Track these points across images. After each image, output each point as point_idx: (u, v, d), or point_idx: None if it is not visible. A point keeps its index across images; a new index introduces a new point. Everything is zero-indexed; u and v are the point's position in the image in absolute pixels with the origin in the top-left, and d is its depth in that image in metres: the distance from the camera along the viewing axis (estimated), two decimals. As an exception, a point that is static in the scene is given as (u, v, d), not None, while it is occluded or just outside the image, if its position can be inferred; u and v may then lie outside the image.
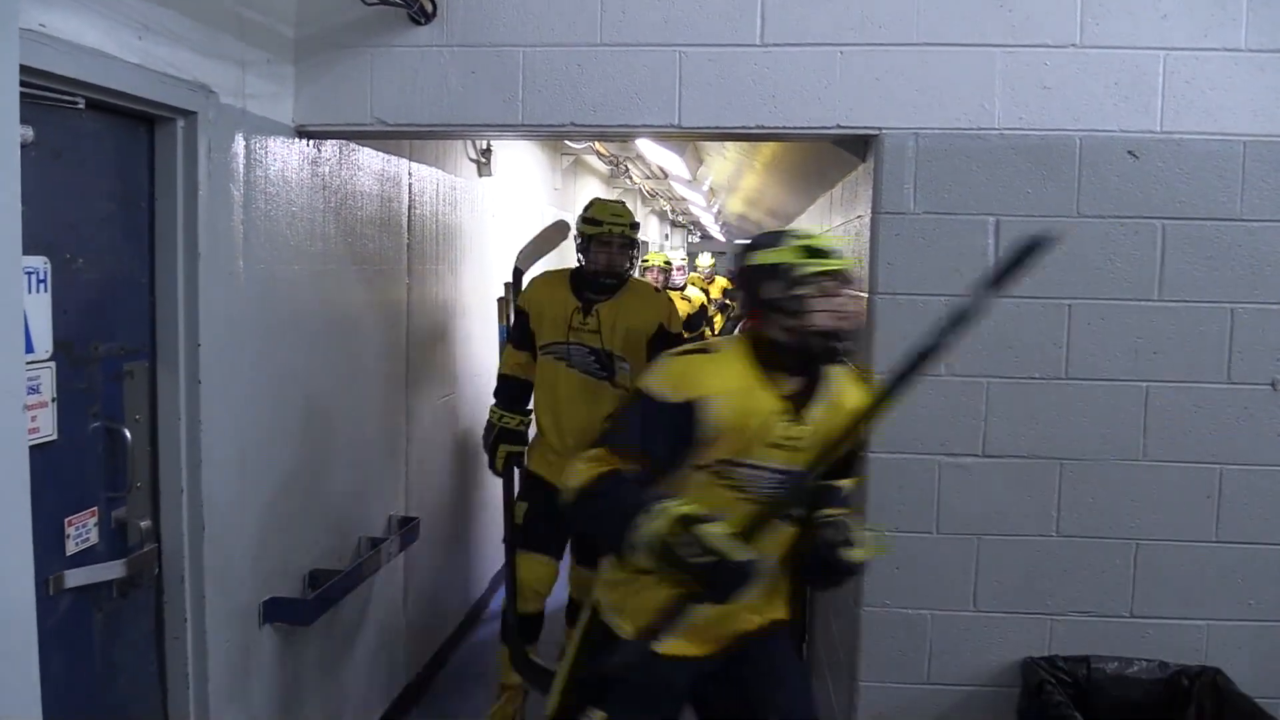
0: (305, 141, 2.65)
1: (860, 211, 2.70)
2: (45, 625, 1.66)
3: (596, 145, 6.68)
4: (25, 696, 1.47)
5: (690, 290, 7.83)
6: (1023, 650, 2.51)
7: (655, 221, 14.46)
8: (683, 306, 8.10)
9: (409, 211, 3.51)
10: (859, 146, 2.61)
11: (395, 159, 3.34)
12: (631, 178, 9.12)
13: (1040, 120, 2.40)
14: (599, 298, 3.33)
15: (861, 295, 2.21)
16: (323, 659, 2.90)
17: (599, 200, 3.47)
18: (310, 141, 2.68)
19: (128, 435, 2.04)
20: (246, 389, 2.39)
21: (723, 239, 16.68)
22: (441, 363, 3.97)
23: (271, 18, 2.47)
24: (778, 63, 2.45)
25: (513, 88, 2.53)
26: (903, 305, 2.45)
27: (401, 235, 3.45)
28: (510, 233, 4.84)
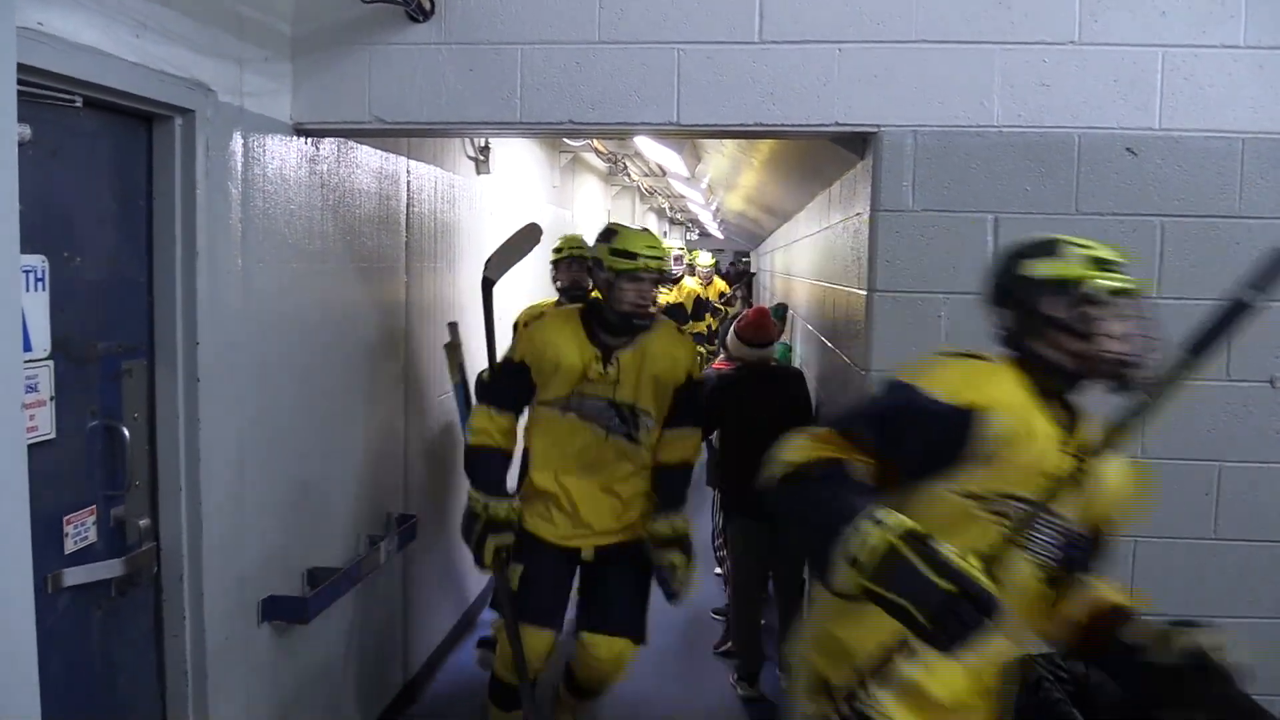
0: (303, 139, 2.65)
1: (859, 209, 2.70)
2: (44, 624, 1.66)
3: (595, 143, 6.68)
4: (24, 695, 1.47)
5: (686, 280, 7.98)
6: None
7: (654, 219, 14.46)
8: (672, 296, 8.02)
9: (407, 209, 3.51)
10: (858, 144, 2.61)
11: (393, 157, 3.34)
12: (630, 175, 9.12)
13: (1039, 118, 2.40)
14: (619, 342, 2.85)
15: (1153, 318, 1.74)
16: (321, 657, 2.90)
17: (627, 229, 2.92)
18: (308, 139, 2.68)
19: (126, 434, 2.04)
20: (245, 387, 2.39)
21: (720, 236, 16.67)
22: (440, 360, 3.97)
23: (269, 15, 2.46)
24: (776, 60, 2.45)
25: (511, 85, 2.52)
26: (901, 303, 2.45)
27: (400, 233, 3.45)
28: (509, 231, 4.83)
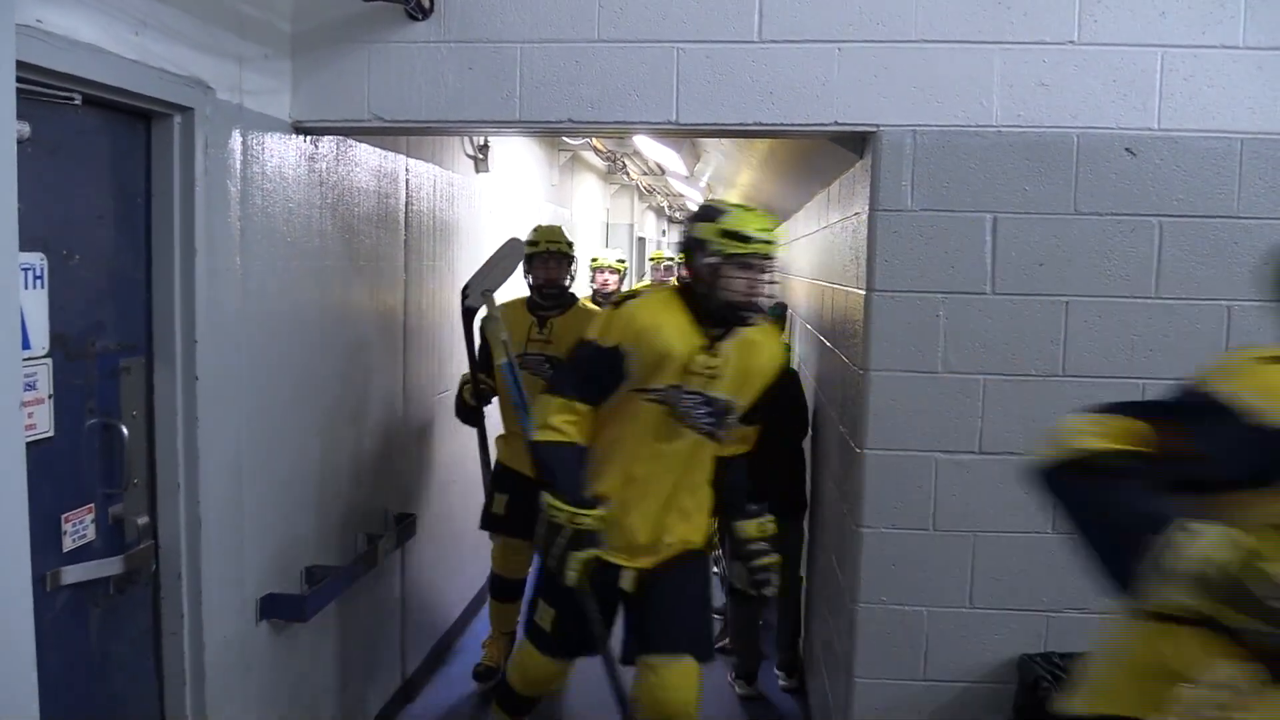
0: (302, 137, 2.65)
1: (858, 208, 2.70)
2: (42, 621, 1.66)
3: (594, 141, 6.68)
4: (22, 692, 1.48)
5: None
6: (1018, 647, 2.52)
7: (652, 217, 14.46)
8: None
9: (406, 207, 3.51)
10: (857, 143, 2.61)
11: (392, 155, 3.34)
12: (629, 174, 9.13)
13: (1038, 117, 2.40)
14: (719, 332, 2.55)
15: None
16: (319, 655, 2.90)
17: (738, 206, 2.57)
18: (307, 137, 2.67)
19: (125, 431, 2.04)
20: (243, 385, 2.39)
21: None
22: (439, 359, 3.97)
23: (269, 13, 2.46)
24: (776, 59, 2.45)
25: (510, 83, 2.52)
26: (900, 302, 2.45)
27: (399, 231, 3.45)
28: (508, 229, 4.83)
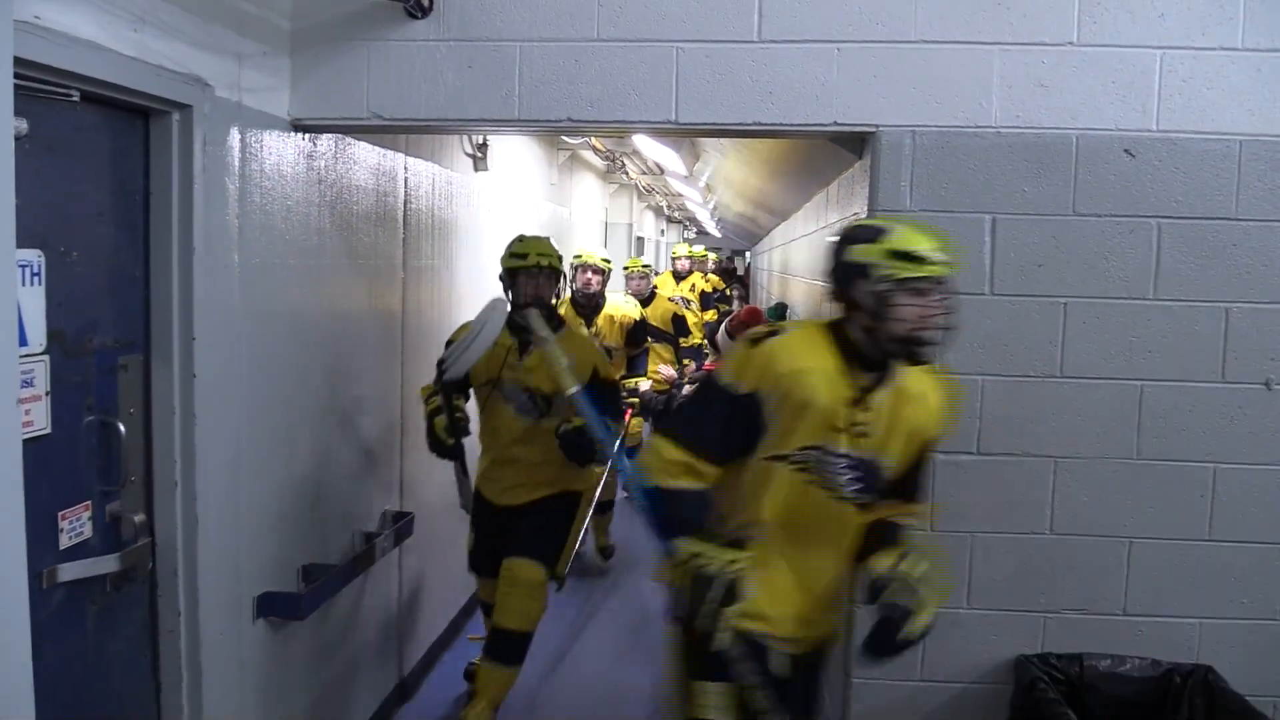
0: (301, 135, 2.64)
1: (856, 209, 2.70)
2: (38, 619, 1.65)
3: (593, 141, 6.68)
4: (18, 690, 1.47)
5: (621, 300, 5.27)
6: (1016, 647, 2.52)
7: (651, 217, 14.46)
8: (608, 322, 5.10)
9: (405, 206, 3.51)
10: (856, 144, 2.61)
11: (391, 153, 3.33)
12: (628, 173, 9.12)
13: (1037, 118, 2.40)
14: (875, 379, 1.97)
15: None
16: (316, 654, 2.90)
17: (903, 223, 1.97)
18: (306, 135, 2.67)
19: (122, 429, 2.04)
20: (241, 383, 2.39)
21: (718, 235, 16.67)
22: (437, 357, 3.96)
23: (268, 11, 2.46)
24: (775, 59, 2.45)
25: (509, 82, 2.52)
26: (899, 303, 2.45)
27: (397, 230, 3.45)
28: (506, 228, 4.83)
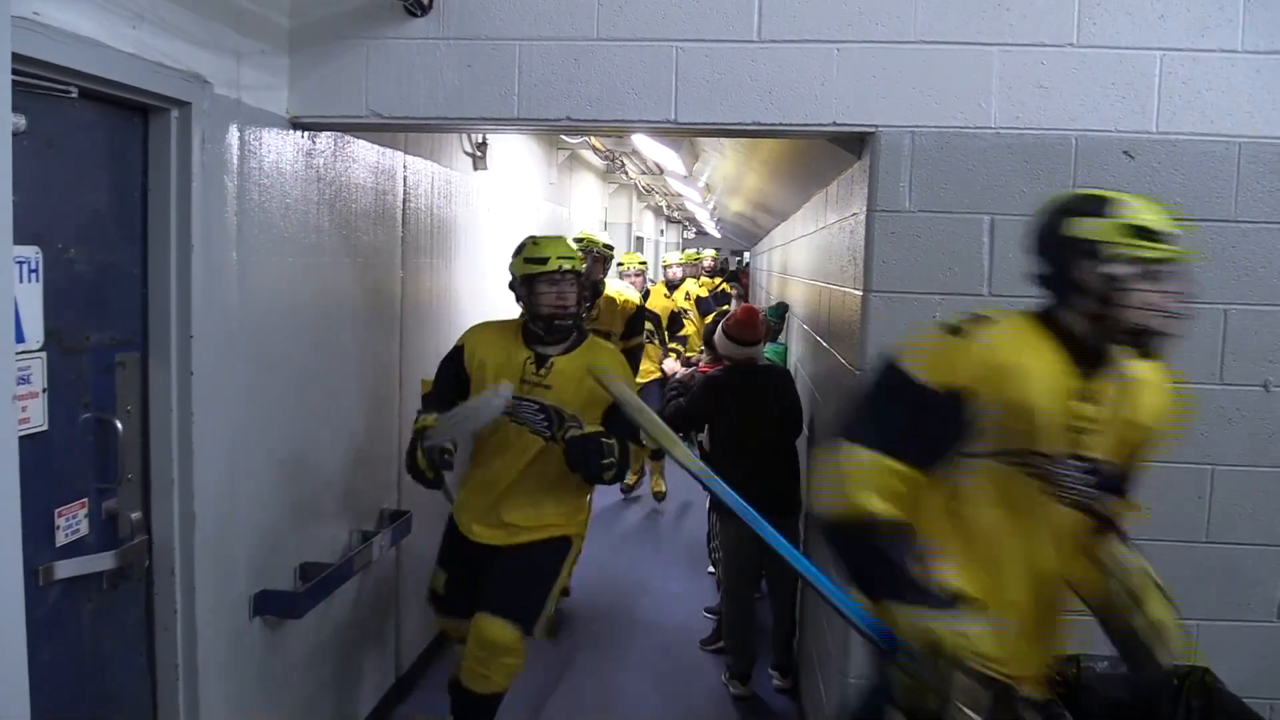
0: (300, 133, 2.64)
1: (855, 209, 2.70)
2: (34, 616, 1.66)
3: (592, 140, 6.68)
4: (14, 687, 1.47)
5: (621, 285, 5.59)
6: (1013, 648, 2.51)
7: (650, 217, 14.46)
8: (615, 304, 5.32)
9: (404, 204, 3.50)
10: (855, 144, 2.61)
11: (390, 152, 3.33)
12: (627, 173, 9.13)
13: (1036, 119, 2.40)
14: (1101, 371, 1.69)
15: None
16: (313, 652, 2.90)
17: (1140, 199, 1.69)
18: (305, 133, 2.67)
19: (119, 426, 2.04)
20: (239, 381, 2.38)
21: (718, 235, 16.68)
22: (435, 356, 3.95)
23: (267, 8, 2.46)
24: (775, 59, 2.45)
25: (509, 81, 2.52)
26: (896, 303, 2.45)
27: (396, 228, 3.44)
28: (506, 227, 4.83)
